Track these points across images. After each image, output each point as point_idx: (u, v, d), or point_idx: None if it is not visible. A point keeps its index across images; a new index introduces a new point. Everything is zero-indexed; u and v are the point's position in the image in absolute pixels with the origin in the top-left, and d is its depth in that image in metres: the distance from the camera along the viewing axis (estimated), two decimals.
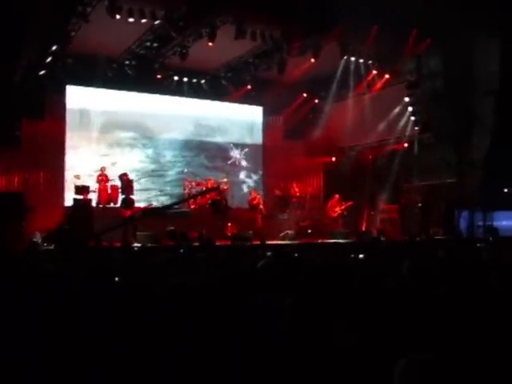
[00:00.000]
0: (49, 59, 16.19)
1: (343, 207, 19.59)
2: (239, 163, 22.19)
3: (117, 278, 5.36)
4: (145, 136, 20.49)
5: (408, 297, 4.31)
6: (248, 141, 22.55)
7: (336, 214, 19.61)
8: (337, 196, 19.85)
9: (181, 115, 20.95)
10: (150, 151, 20.56)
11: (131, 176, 17.82)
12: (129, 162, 19.67)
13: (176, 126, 20.97)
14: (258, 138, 22.81)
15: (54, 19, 14.33)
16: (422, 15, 14.95)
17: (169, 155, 20.85)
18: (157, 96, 20.55)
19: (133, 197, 16.99)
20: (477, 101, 17.86)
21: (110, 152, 19.64)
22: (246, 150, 22.34)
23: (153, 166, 20.50)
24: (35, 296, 4.07)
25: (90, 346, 3.40)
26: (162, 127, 20.70)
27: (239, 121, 22.44)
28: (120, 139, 19.98)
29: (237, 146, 22.17)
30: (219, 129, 21.92)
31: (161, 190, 20.43)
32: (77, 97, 19.10)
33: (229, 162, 21.93)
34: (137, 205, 17.53)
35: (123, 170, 17.89)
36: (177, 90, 20.46)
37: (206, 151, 21.58)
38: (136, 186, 18.05)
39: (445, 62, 18.15)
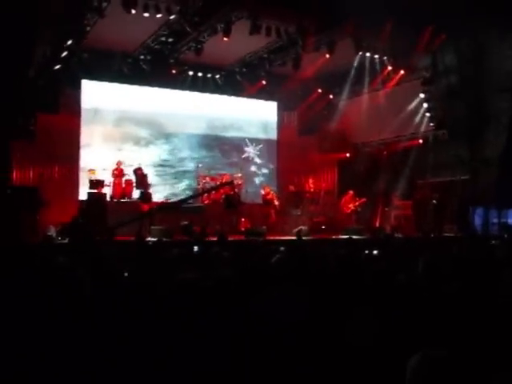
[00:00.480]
0: (64, 54, 16.25)
1: (357, 203, 19.49)
2: (253, 159, 22.16)
3: (126, 274, 5.35)
4: (159, 131, 20.51)
5: (420, 293, 4.30)
6: (262, 136, 22.51)
7: (350, 210, 19.52)
8: (351, 192, 19.72)
9: (195, 110, 20.90)
10: (164, 146, 20.58)
11: (146, 171, 17.95)
12: (144, 156, 19.67)
13: (191, 121, 20.95)
14: (272, 133, 22.77)
15: (70, 14, 14.38)
16: (437, 11, 14.88)
17: (183, 150, 20.83)
18: (172, 91, 20.57)
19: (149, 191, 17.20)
20: (492, 98, 17.75)
21: (125, 147, 19.69)
22: (261, 145, 22.30)
23: (168, 161, 20.51)
24: (48, 289, 4.09)
25: (99, 339, 3.42)
26: (176, 122, 20.70)
27: (254, 116, 22.39)
28: (134, 134, 20.01)
29: (251, 141, 22.13)
30: (234, 124, 21.91)
31: (175, 185, 20.43)
32: (92, 91, 19.16)
33: (243, 157, 21.91)
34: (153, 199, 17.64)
35: (138, 164, 18.04)
36: (192, 86, 20.48)
37: (220, 146, 21.56)
38: (151, 180, 18.17)
39: (460, 58, 18.06)
